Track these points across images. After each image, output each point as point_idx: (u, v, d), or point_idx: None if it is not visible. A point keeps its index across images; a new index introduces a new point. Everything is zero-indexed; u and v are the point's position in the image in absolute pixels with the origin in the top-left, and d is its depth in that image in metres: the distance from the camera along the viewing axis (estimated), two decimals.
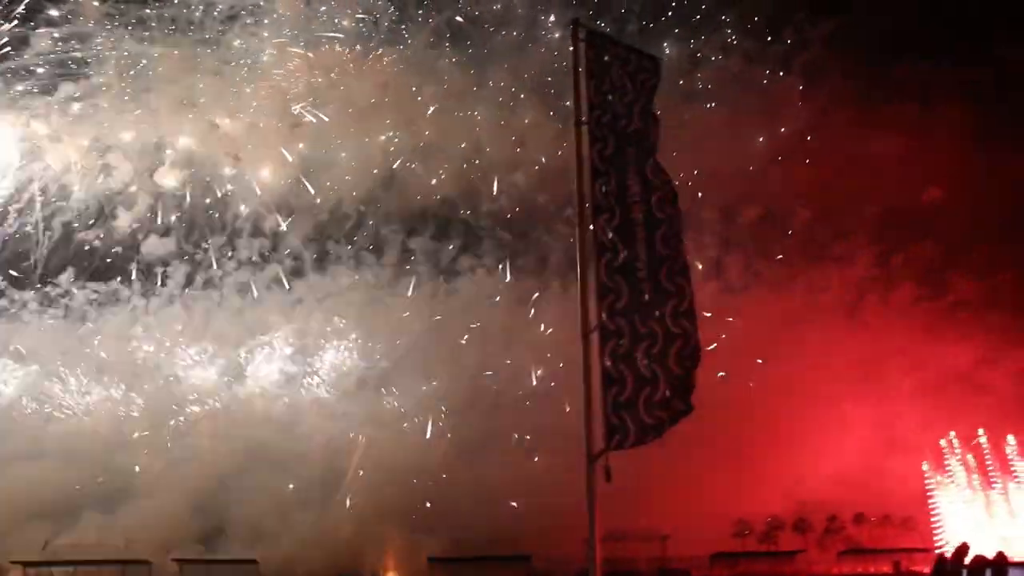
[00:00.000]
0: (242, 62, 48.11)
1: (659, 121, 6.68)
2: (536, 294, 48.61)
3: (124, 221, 48.07)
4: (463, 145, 50.84)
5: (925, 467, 45.39)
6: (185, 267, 48.87)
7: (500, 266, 53.20)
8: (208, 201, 49.46)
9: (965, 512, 44.76)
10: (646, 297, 6.64)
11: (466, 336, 51.62)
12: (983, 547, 44.07)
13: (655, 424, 6.53)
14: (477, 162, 52.11)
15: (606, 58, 6.80)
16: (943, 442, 46.19)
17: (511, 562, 39.42)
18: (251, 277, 49.03)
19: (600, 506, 6.68)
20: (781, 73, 58.92)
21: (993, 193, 57.73)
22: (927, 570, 45.61)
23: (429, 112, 52.26)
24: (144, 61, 46.72)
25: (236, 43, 47.68)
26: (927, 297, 55.95)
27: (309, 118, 49.79)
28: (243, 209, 49.73)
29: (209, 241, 48.81)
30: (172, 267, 48.37)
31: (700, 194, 57.47)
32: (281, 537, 40.50)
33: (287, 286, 50.43)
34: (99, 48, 46.75)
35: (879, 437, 47.48)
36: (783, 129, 57.20)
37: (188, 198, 49.10)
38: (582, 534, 7.10)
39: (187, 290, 48.39)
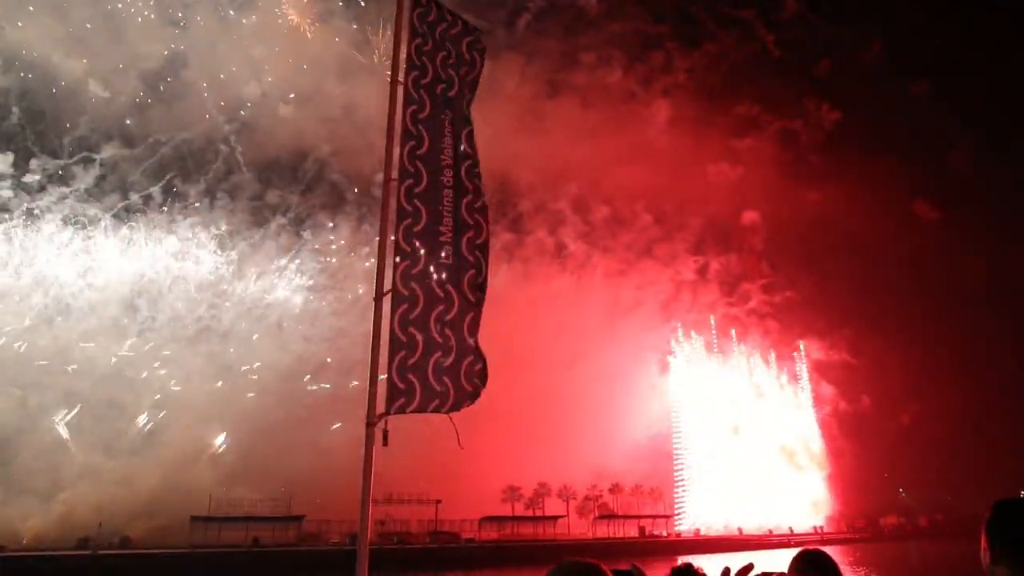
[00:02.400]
0: None
1: (475, 91, 6.29)
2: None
3: None
4: (340, 101, 48.17)
5: (676, 445, 51.04)
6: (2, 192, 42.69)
7: (361, 227, 51.05)
8: (38, 115, 43.21)
9: (702, 488, 51.02)
10: (448, 262, 6.27)
11: (314, 295, 49.02)
12: (713, 518, 49.86)
13: (444, 392, 6.17)
14: (352, 121, 49.51)
15: (431, 20, 6.30)
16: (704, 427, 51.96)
17: (282, 522, 38.47)
18: (83, 209, 43.55)
19: (378, 470, 6.30)
20: (645, 90, 61.93)
21: (789, 224, 65.50)
22: (665, 533, 51.80)
23: (305, 67, 48.66)
24: None
25: None
26: (727, 303, 62.60)
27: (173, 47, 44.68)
28: (80, 132, 43.90)
29: (35, 163, 43.01)
30: None
31: (555, 185, 58.50)
32: (79, 482, 36.69)
33: (127, 222, 45.35)
34: None
35: (659, 420, 52.32)
36: (636, 139, 60.26)
37: (15, 110, 42.98)
38: (359, 497, 6.70)
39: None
